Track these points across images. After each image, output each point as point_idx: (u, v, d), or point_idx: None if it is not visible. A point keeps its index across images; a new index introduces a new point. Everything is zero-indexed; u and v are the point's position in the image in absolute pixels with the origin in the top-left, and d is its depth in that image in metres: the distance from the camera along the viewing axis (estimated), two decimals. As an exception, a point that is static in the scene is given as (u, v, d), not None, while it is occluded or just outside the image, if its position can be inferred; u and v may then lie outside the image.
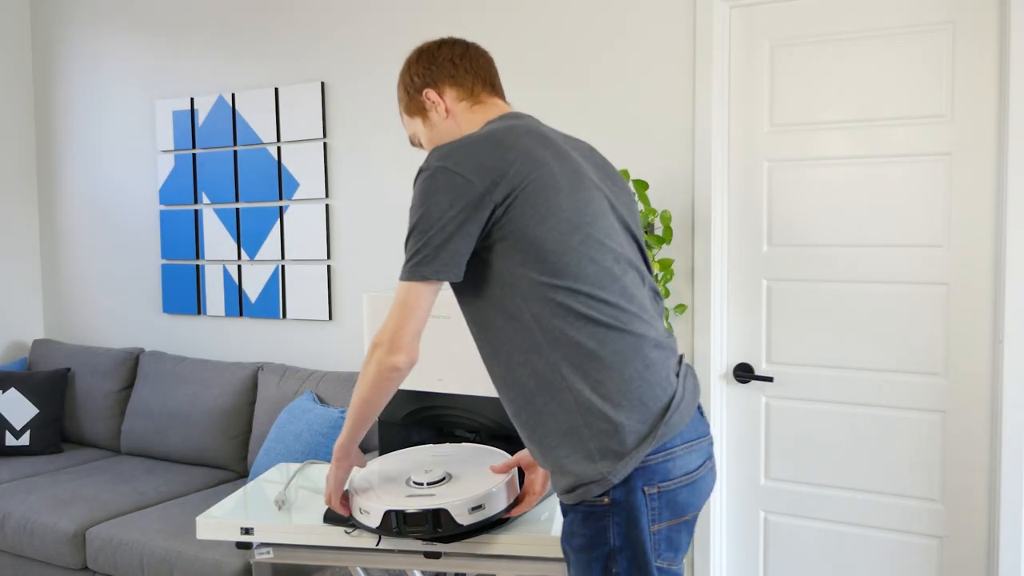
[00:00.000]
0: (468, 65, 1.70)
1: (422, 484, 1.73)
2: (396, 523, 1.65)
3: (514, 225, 1.46)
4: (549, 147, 1.53)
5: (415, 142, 1.78)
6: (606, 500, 1.44)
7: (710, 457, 1.56)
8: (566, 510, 1.51)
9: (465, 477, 1.76)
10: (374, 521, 1.67)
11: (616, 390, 1.45)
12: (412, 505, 1.65)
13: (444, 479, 1.75)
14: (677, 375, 1.54)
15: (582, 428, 1.45)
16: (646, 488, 1.44)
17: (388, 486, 1.75)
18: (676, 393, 1.50)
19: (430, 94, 1.69)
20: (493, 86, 1.72)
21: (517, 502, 1.75)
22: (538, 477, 1.76)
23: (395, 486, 1.75)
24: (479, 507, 1.66)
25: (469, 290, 1.55)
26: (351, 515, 1.74)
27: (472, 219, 1.46)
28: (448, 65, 1.69)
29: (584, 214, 1.50)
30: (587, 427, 1.45)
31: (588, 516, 1.46)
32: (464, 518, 1.65)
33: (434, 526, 1.64)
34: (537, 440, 1.52)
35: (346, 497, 1.76)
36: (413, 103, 1.72)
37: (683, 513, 1.49)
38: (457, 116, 1.69)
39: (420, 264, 1.47)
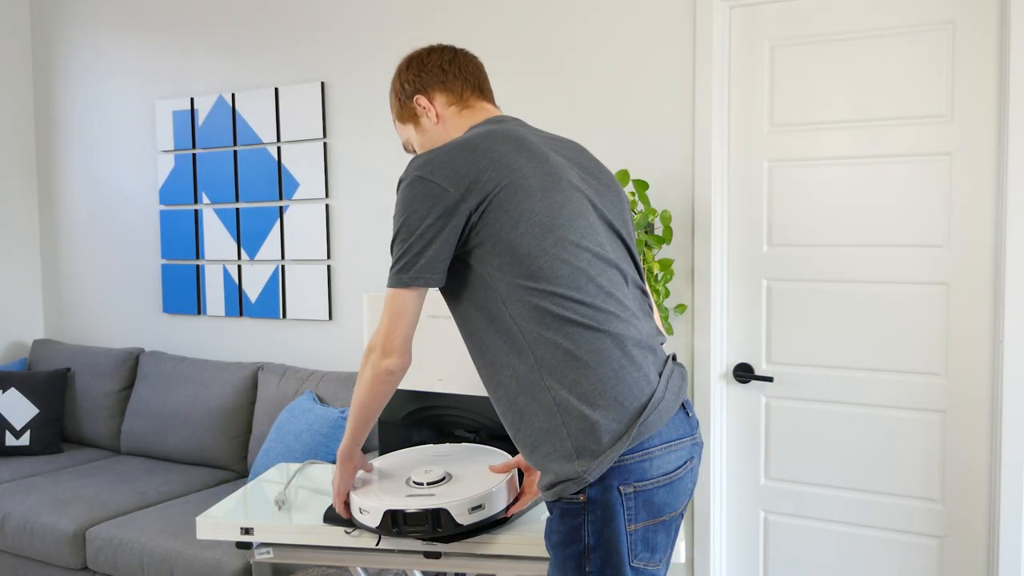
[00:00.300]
0: (457, 71, 1.73)
1: (422, 484, 1.73)
2: (396, 523, 1.65)
3: (490, 230, 1.49)
4: (524, 150, 1.55)
5: (409, 148, 1.80)
6: (582, 498, 1.46)
7: (692, 458, 1.56)
8: (549, 508, 1.53)
9: (465, 477, 1.76)
10: (374, 521, 1.67)
11: (592, 389, 1.46)
12: (412, 505, 1.65)
13: (444, 479, 1.75)
14: (660, 374, 1.54)
15: (560, 427, 1.47)
16: (622, 487, 1.45)
17: (388, 485, 1.75)
18: (656, 392, 1.50)
19: (420, 100, 1.72)
20: (482, 90, 1.75)
21: (516, 501, 1.76)
22: (537, 477, 1.76)
23: (395, 485, 1.75)
24: (479, 507, 1.66)
25: (454, 293, 1.58)
26: (351, 515, 1.74)
27: (449, 226, 1.49)
28: (437, 71, 1.72)
29: (558, 216, 1.52)
30: (565, 426, 1.47)
31: (565, 513, 1.48)
32: (464, 518, 1.65)
33: (434, 526, 1.64)
34: (521, 439, 1.54)
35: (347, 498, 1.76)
36: (405, 110, 1.75)
37: (660, 513, 1.50)
38: (447, 121, 1.72)
39: (402, 271, 1.51)
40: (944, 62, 2.46)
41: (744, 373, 2.77)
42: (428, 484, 1.73)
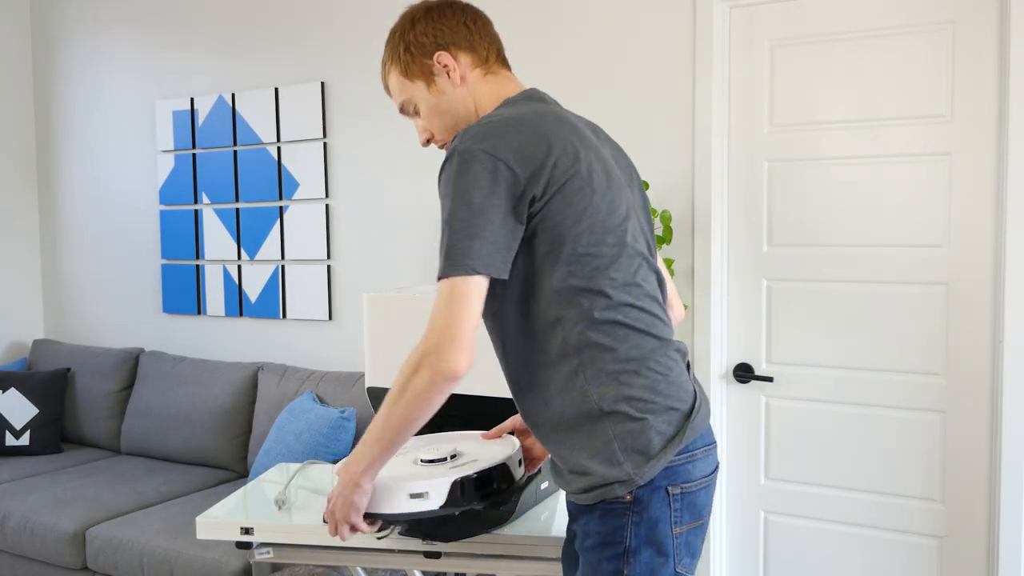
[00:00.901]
0: (482, 30, 1.57)
1: (444, 459, 1.63)
2: (464, 493, 1.54)
3: (549, 222, 1.37)
4: (582, 140, 1.44)
5: (408, 110, 1.60)
6: (628, 497, 1.39)
7: (719, 463, 1.54)
8: (579, 512, 1.45)
9: (470, 446, 1.70)
10: (438, 500, 1.54)
11: (643, 392, 1.40)
12: (471, 470, 1.54)
13: (456, 454, 1.66)
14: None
15: (605, 430, 1.39)
16: (670, 488, 1.40)
17: (406, 471, 1.62)
18: (697, 396, 1.47)
19: (443, 58, 1.53)
20: (503, 57, 1.60)
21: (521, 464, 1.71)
22: (536, 441, 1.70)
23: (414, 469, 1.63)
24: (520, 462, 1.61)
25: (489, 287, 1.44)
26: (381, 520, 1.56)
27: (515, 211, 1.34)
28: (462, 28, 1.55)
29: (616, 216, 1.42)
30: (611, 428, 1.39)
31: (606, 514, 1.40)
32: (516, 472, 1.59)
33: (498, 485, 1.56)
34: (557, 441, 1.45)
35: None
36: (416, 66, 1.54)
37: (700, 517, 1.45)
38: (471, 84, 1.54)
39: (467, 256, 1.32)
40: (944, 62, 2.46)
41: (744, 373, 2.77)
42: (451, 458, 1.63)
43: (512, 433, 1.75)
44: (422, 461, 1.64)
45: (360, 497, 1.48)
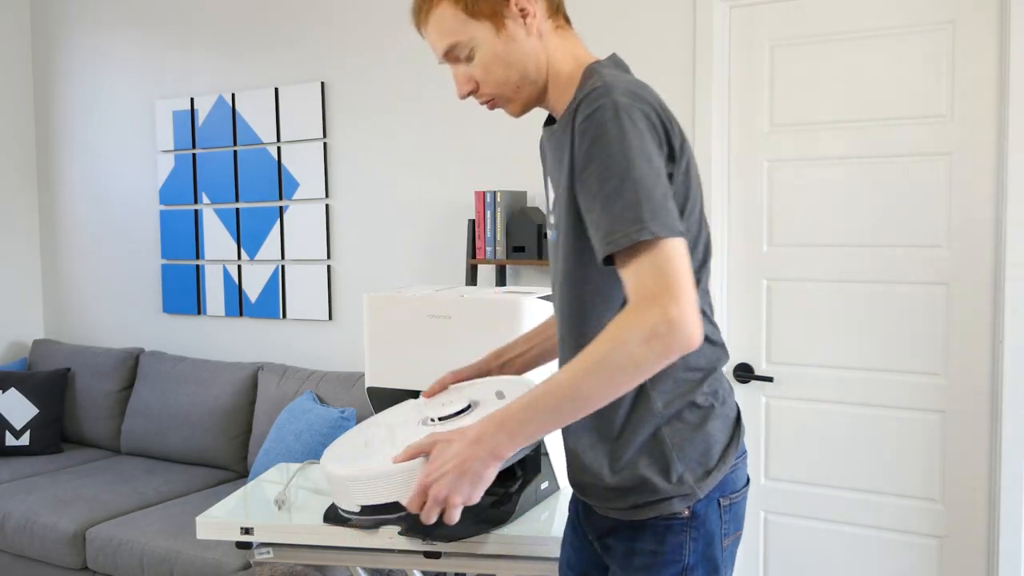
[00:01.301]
0: None
1: (469, 407, 1.49)
2: None
3: None
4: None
5: (458, 55, 1.34)
6: (686, 513, 1.30)
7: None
8: (617, 528, 1.36)
9: (478, 392, 1.58)
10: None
11: (703, 399, 1.32)
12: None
13: (474, 400, 1.52)
14: None
15: (664, 440, 1.30)
16: (721, 499, 1.32)
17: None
18: (737, 403, 1.42)
19: (522, 0, 1.30)
20: (566, 11, 1.40)
21: None
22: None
23: (442, 426, 1.49)
24: None
25: (582, 269, 1.29)
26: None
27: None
28: None
29: (703, 214, 1.34)
30: (670, 438, 1.30)
31: (663, 531, 1.31)
32: None
33: None
34: (610, 451, 1.33)
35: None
36: (487, 3, 1.30)
37: (740, 526, 1.38)
38: (545, 37, 1.34)
39: (668, 217, 1.15)
40: (944, 62, 2.46)
41: (744, 373, 2.77)
42: (474, 406, 1.50)
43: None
44: (440, 419, 1.49)
45: (492, 472, 1.25)
